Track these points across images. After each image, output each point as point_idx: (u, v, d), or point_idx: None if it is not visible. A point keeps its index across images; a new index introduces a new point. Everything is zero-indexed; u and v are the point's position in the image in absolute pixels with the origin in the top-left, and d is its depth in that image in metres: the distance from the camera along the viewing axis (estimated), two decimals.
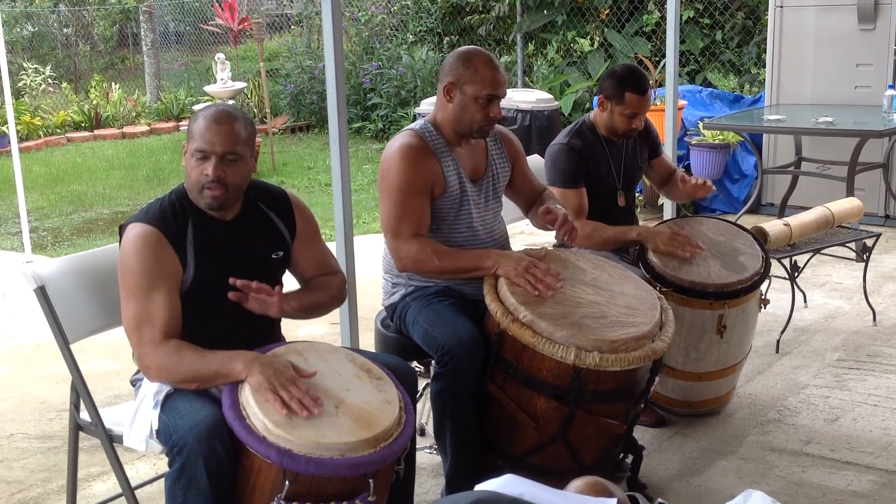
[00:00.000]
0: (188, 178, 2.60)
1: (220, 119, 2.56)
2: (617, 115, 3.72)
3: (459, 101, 3.10)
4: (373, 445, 2.30)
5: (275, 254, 2.73)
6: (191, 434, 2.31)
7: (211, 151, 2.54)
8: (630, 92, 3.67)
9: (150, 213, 2.57)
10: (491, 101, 3.09)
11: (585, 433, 2.86)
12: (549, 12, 10.21)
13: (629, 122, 3.71)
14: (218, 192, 2.55)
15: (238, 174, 2.58)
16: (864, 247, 4.84)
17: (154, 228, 2.53)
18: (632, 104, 3.68)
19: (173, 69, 15.29)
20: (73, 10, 14.55)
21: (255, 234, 2.69)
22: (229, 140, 2.55)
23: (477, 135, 3.16)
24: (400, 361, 2.79)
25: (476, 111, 3.09)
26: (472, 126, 3.12)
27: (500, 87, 3.10)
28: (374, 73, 11.47)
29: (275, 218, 2.75)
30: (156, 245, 2.51)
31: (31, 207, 7.83)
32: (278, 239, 2.75)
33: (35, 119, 12.06)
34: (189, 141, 2.59)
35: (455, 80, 3.10)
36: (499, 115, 3.14)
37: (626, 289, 3.02)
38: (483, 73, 3.07)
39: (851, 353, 4.48)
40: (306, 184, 9.14)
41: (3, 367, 4.82)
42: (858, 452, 3.51)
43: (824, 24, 6.78)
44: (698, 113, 7.43)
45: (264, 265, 2.70)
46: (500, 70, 3.11)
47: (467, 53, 3.14)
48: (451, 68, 3.12)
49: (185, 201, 2.62)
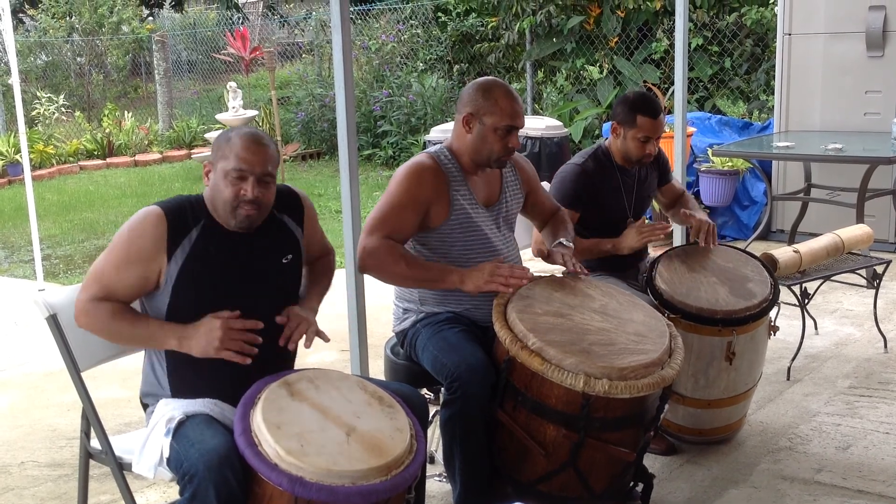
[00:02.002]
0: (218, 196, 2.61)
1: (257, 140, 2.62)
2: (630, 141, 3.73)
3: (479, 131, 3.13)
4: (384, 473, 2.30)
5: (285, 258, 2.75)
6: (202, 462, 2.31)
7: (250, 172, 2.58)
8: (642, 115, 3.69)
9: (167, 200, 2.65)
10: (510, 132, 3.12)
11: (595, 461, 2.85)
12: (558, 40, 10.27)
13: (642, 147, 3.72)
14: (253, 212, 2.61)
15: (270, 195, 2.66)
16: (875, 273, 4.83)
17: (160, 209, 2.59)
18: (644, 128, 3.70)
19: (185, 98, 15.42)
20: (87, 39, 14.69)
21: (265, 243, 2.71)
22: (266, 161, 2.62)
23: (495, 165, 3.20)
24: (410, 389, 2.80)
25: (495, 142, 3.12)
26: (491, 157, 3.15)
27: (519, 119, 3.14)
28: (385, 100, 11.54)
29: (287, 220, 2.79)
30: (150, 224, 2.57)
31: (43, 235, 7.89)
32: (291, 242, 2.78)
33: (48, 147, 12.16)
34: (220, 160, 2.61)
35: (475, 110, 3.13)
36: (517, 146, 3.18)
37: (634, 316, 3.02)
38: (503, 104, 3.11)
39: (863, 381, 4.46)
40: (317, 211, 9.14)
41: (15, 394, 4.84)
42: (870, 481, 3.49)
43: (833, 51, 6.80)
44: (707, 140, 7.45)
45: (275, 272, 2.72)
46: (518, 102, 3.15)
47: (487, 85, 3.16)
48: (471, 99, 3.15)
49: (201, 207, 2.65)
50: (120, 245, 2.58)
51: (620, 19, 9.82)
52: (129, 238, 2.58)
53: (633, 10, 9.72)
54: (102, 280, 2.59)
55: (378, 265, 3.08)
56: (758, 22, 9.01)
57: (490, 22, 11.22)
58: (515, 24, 10.50)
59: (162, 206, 2.60)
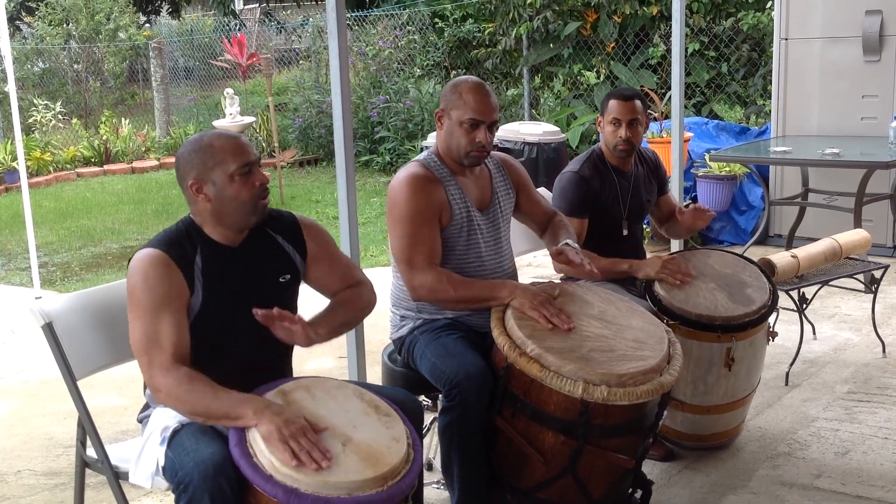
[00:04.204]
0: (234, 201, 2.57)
1: (232, 133, 2.68)
2: (606, 127, 3.81)
3: (447, 126, 3.16)
4: (380, 484, 2.28)
5: (282, 277, 2.73)
6: (197, 471, 2.30)
7: (252, 160, 2.60)
8: (613, 99, 3.80)
9: (158, 240, 2.59)
10: (475, 127, 3.10)
11: (594, 468, 2.85)
12: (555, 46, 10.28)
13: (615, 131, 3.77)
14: (268, 198, 2.65)
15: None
16: (873, 278, 4.82)
17: (161, 252, 2.54)
18: (613, 110, 3.77)
19: (183, 104, 15.41)
20: (84, 46, 14.68)
21: (262, 259, 2.70)
22: (252, 146, 2.66)
23: (466, 161, 3.17)
24: (405, 394, 2.78)
25: (461, 136, 3.11)
26: (460, 151, 3.14)
27: (485, 113, 3.11)
28: (382, 106, 11.54)
29: (282, 241, 2.75)
30: (162, 267, 2.51)
31: (40, 242, 7.87)
32: (286, 262, 2.75)
33: (45, 155, 12.15)
34: (217, 168, 2.56)
35: (444, 106, 3.17)
36: (486, 142, 3.13)
37: (633, 322, 3.01)
38: (466, 97, 3.10)
39: (861, 386, 4.45)
40: (314, 217, 9.06)
41: (11, 402, 4.83)
42: (869, 486, 3.48)
43: (829, 55, 6.81)
44: (705, 145, 7.45)
45: (272, 289, 2.70)
46: (486, 96, 3.12)
47: (457, 81, 3.20)
48: (443, 95, 3.20)
49: (192, 230, 2.63)
50: (144, 299, 2.49)
51: (617, 25, 9.84)
52: (150, 287, 2.49)
53: (630, 16, 9.74)
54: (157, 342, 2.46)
55: (432, 298, 3.08)
56: (754, 27, 9.02)
57: (487, 28, 11.23)
58: (512, 29, 10.52)
59: (160, 248, 2.54)
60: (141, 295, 2.50)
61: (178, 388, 2.42)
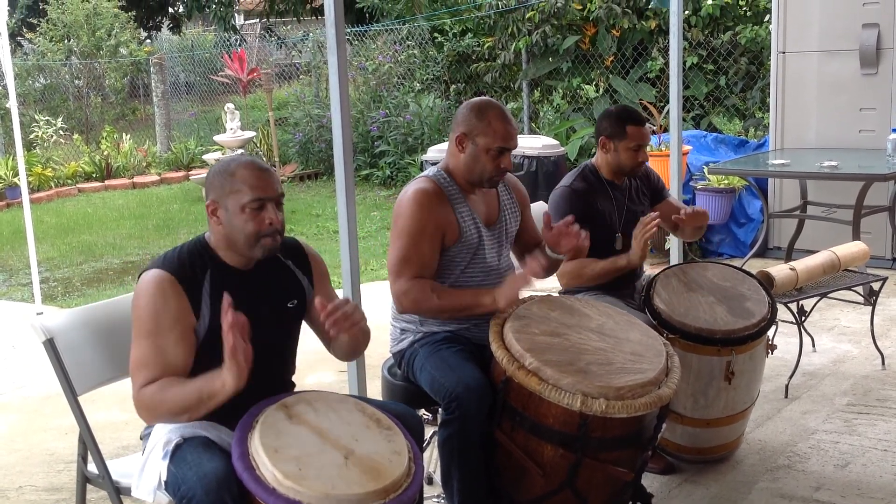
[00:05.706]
0: (240, 232, 2.56)
1: (261, 165, 2.60)
2: (623, 152, 3.79)
3: (471, 151, 3.15)
4: (382, 497, 2.29)
5: (290, 303, 2.73)
6: (199, 485, 2.31)
7: (268, 197, 2.56)
8: (631, 125, 3.78)
9: (167, 261, 2.58)
10: (502, 154, 3.14)
11: (593, 481, 2.85)
12: (554, 59, 10.32)
13: (635, 155, 3.79)
14: (277, 239, 2.59)
15: (282, 218, 2.63)
16: (871, 290, 4.84)
17: (168, 274, 2.53)
18: (634, 136, 3.77)
19: (183, 119, 15.47)
20: (85, 62, 14.74)
21: (272, 284, 2.70)
22: (278, 183, 2.61)
23: (487, 185, 3.21)
24: (406, 409, 2.79)
25: (487, 162, 3.14)
26: (483, 176, 3.17)
27: (512, 140, 3.16)
28: (382, 120, 11.58)
29: (292, 266, 2.76)
30: (168, 290, 2.51)
31: (41, 258, 7.89)
32: (295, 287, 2.75)
33: (46, 170, 12.19)
34: (232, 195, 2.55)
35: (468, 131, 3.15)
36: (509, 167, 3.20)
37: (631, 335, 3.03)
38: (496, 125, 3.13)
39: (861, 398, 4.46)
40: (315, 231, 9.19)
41: (12, 417, 4.84)
42: (869, 498, 3.49)
43: (827, 69, 6.84)
44: (703, 158, 7.47)
45: (280, 315, 2.71)
46: (511, 123, 3.17)
47: (480, 105, 3.18)
48: (464, 119, 3.17)
49: (205, 252, 2.62)
50: (146, 321, 2.49)
51: (616, 39, 9.88)
52: (154, 310, 2.49)
53: (629, 30, 9.78)
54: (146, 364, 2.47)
55: (415, 307, 3.10)
56: (752, 40, 9.06)
57: (486, 42, 11.27)
58: (511, 44, 10.56)
59: (167, 270, 2.54)
60: (141, 317, 2.51)
61: (150, 400, 2.45)
